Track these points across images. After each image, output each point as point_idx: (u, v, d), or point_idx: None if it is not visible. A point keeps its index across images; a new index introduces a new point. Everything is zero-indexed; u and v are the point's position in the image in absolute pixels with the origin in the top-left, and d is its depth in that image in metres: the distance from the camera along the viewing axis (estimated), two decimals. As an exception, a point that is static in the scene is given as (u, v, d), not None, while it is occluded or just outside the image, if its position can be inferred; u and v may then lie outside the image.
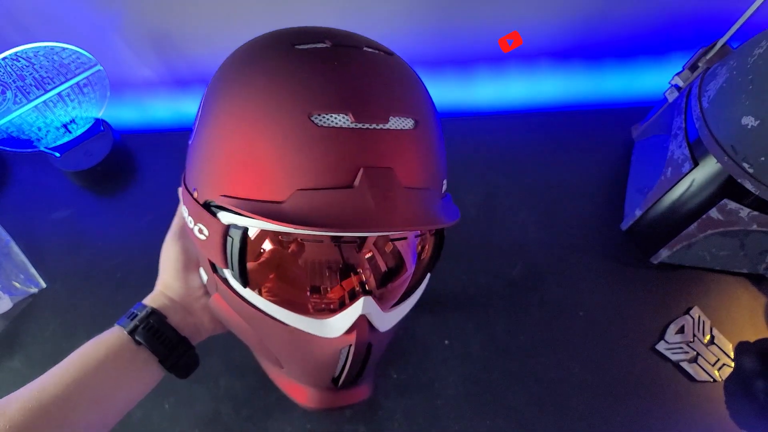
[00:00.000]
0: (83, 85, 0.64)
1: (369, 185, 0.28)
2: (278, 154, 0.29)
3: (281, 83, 0.30)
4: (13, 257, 0.63)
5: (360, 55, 0.32)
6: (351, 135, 0.29)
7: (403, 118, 0.30)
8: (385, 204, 0.28)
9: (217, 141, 0.32)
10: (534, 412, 0.51)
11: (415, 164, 0.31)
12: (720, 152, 0.45)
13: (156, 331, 0.38)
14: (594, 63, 0.70)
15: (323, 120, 0.29)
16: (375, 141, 0.29)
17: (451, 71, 0.73)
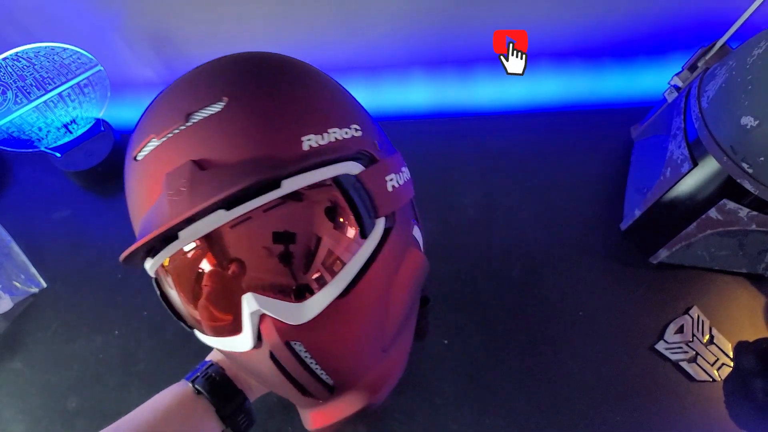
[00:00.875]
0: (84, 86, 0.64)
1: (167, 188, 0.28)
2: (129, 203, 0.33)
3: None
4: (13, 257, 0.63)
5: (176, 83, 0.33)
6: (156, 152, 0.30)
7: (206, 108, 0.29)
8: (176, 199, 0.28)
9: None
10: (534, 412, 0.51)
11: (225, 142, 0.29)
12: (719, 152, 0.45)
13: (213, 380, 0.40)
14: (594, 63, 0.70)
15: (141, 153, 0.31)
16: (174, 145, 0.29)
17: (451, 71, 0.73)
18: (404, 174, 0.37)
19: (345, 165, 0.31)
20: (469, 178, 0.67)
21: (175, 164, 0.29)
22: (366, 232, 0.32)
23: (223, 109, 0.29)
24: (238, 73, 0.32)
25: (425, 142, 0.71)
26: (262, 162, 0.28)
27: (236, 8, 0.63)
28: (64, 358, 0.57)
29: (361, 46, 0.69)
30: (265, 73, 0.33)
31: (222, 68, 0.33)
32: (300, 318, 0.31)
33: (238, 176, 0.27)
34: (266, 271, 0.32)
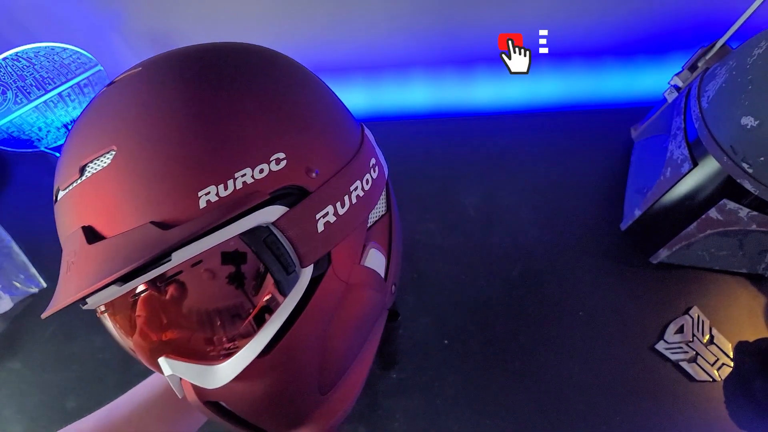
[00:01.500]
0: (84, 86, 0.64)
1: (65, 256, 0.27)
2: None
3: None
4: (13, 257, 0.63)
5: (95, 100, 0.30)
6: (59, 206, 0.29)
7: (98, 159, 0.26)
8: (67, 274, 0.27)
9: None
10: (534, 412, 0.51)
11: (113, 205, 0.25)
12: (719, 152, 0.45)
13: None
14: (594, 63, 0.70)
15: (58, 196, 0.29)
16: (71, 202, 0.27)
17: (451, 71, 0.73)
18: (356, 192, 0.32)
19: (255, 216, 0.26)
20: (469, 178, 0.67)
21: (71, 226, 0.27)
22: (284, 289, 0.28)
23: (111, 164, 0.26)
24: (128, 113, 0.27)
25: (425, 142, 0.71)
26: (144, 233, 0.25)
27: (236, 8, 0.63)
28: (63, 358, 0.57)
29: (361, 46, 0.69)
30: (162, 105, 0.27)
31: (116, 100, 0.28)
32: (215, 382, 0.29)
33: (125, 252, 0.24)
34: (176, 335, 0.30)
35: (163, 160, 0.25)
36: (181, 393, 0.30)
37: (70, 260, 0.26)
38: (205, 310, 0.30)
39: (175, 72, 0.28)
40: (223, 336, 0.30)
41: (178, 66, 0.29)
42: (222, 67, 0.29)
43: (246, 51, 0.31)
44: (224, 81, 0.28)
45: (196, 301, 0.30)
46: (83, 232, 0.26)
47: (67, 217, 0.28)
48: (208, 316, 0.30)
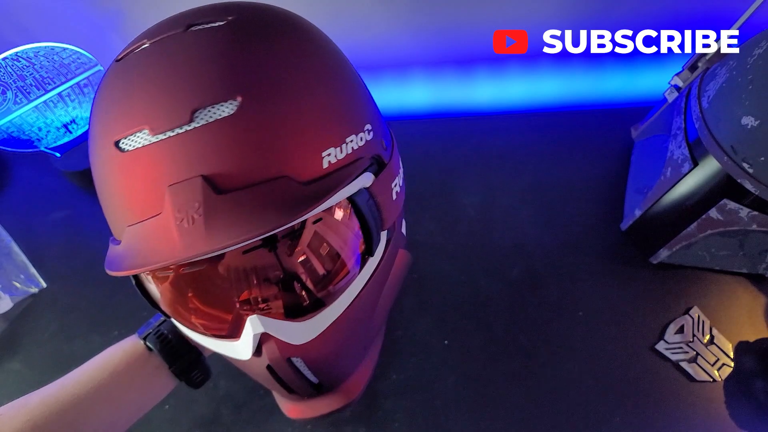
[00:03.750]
0: (83, 85, 0.64)
1: (173, 206, 0.24)
2: (107, 194, 0.27)
3: (96, 112, 0.28)
4: (13, 257, 0.63)
5: (172, 42, 0.27)
6: (151, 151, 0.25)
7: (216, 106, 0.25)
8: (188, 227, 0.24)
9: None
10: (534, 412, 0.51)
11: (240, 157, 0.25)
12: (720, 152, 0.45)
13: (165, 337, 0.38)
14: (594, 63, 0.70)
15: (127, 143, 0.25)
16: (177, 149, 0.25)
17: (451, 71, 0.73)
18: (401, 169, 0.35)
19: (360, 180, 0.29)
20: (469, 178, 0.67)
21: (181, 174, 0.24)
22: (373, 250, 0.31)
23: (236, 112, 0.25)
24: (250, 62, 0.26)
25: (425, 142, 0.71)
26: (279, 188, 0.25)
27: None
28: (63, 358, 0.57)
29: (361, 45, 0.69)
30: (281, 62, 0.27)
31: (230, 50, 0.26)
32: (303, 338, 0.31)
33: (260, 207, 0.24)
34: (272, 293, 0.31)
35: (293, 116, 0.26)
36: (252, 353, 0.30)
37: (192, 211, 0.24)
38: (307, 266, 0.31)
39: (273, 30, 0.28)
40: (317, 292, 0.31)
41: (267, 23, 0.29)
42: (308, 31, 0.30)
43: (296, 17, 0.32)
44: (321, 45, 0.30)
45: (301, 257, 0.31)
46: (205, 181, 0.24)
47: (170, 163, 0.25)
48: (304, 277, 0.31)
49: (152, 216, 0.25)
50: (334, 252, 0.31)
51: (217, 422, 0.52)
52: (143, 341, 0.38)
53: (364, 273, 0.32)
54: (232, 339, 0.31)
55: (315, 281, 0.31)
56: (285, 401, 0.39)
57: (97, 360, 0.37)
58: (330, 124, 0.27)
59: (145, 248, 0.25)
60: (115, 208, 0.27)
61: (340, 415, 0.51)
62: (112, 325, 0.59)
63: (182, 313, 0.33)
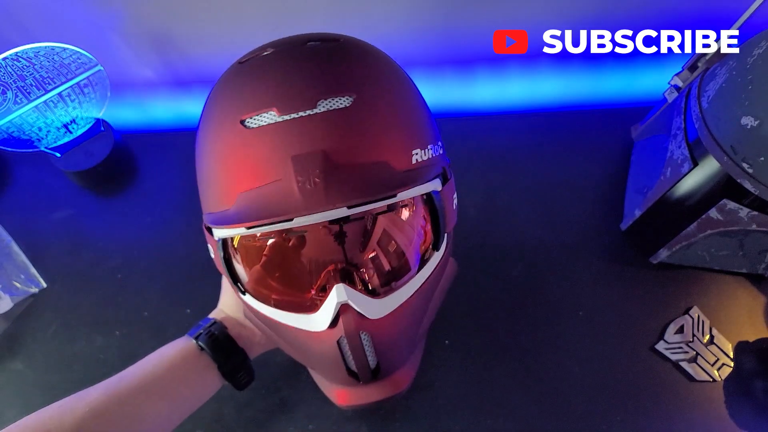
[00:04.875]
0: (84, 86, 0.64)
1: (295, 172, 0.29)
2: (222, 165, 0.32)
3: (221, 99, 0.33)
4: (13, 257, 0.63)
5: (295, 50, 0.33)
6: (278, 129, 0.30)
7: (335, 98, 0.30)
8: (310, 188, 0.29)
9: (198, 165, 0.35)
10: (534, 412, 0.51)
11: (353, 140, 0.30)
12: (719, 152, 0.45)
13: (215, 338, 0.41)
14: (594, 63, 0.70)
15: (253, 122, 0.31)
16: (301, 128, 0.30)
17: (451, 71, 0.73)
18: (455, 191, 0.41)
19: (434, 182, 0.35)
20: (469, 178, 0.67)
21: (304, 148, 0.29)
22: (439, 245, 0.37)
23: (351, 106, 0.30)
24: (363, 70, 0.33)
25: (425, 142, 0.70)
26: (382, 170, 0.31)
27: (236, 8, 0.63)
28: (64, 358, 0.57)
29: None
30: (388, 75, 0.35)
31: (346, 60, 0.33)
32: (378, 313, 0.34)
33: (364, 181, 0.30)
34: (360, 266, 0.35)
35: (393, 117, 0.32)
36: (329, 324, 0.33)
37: (313, 176, 0.29)
38: (389, 246, 0.36)
39: (374, 51, 0.36)
40: (394, 275, 0.36)
41: (367, 47, 0.36)
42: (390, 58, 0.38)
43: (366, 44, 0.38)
44: (403, 70, 0.38)
45: (387, 236, 0.35)
46: (325, 155, 0.29)
47: (294, 138, 0.30)
48: (388, 256, 0.36)
49: (273, 181, 0.30)
50: (410, 239, 0.36)
51: (219, 422, 0.52)
52: (195, 341, 0.41)
53: (430, 264, 0.37)
54: (312, 312, 0.34)
55: (393, 263, 0.36)
56: (334, 387, 0.40)
57: (154, 356, 0.40)
58: (418, 129, 0.34)
59: (266, 206, 0.30)
60: (229, 178, 0.31)
61: (343, 414, 0.51)
62: (113, 325, 0.59)
63: (268, 284, 0.36)
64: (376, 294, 0.35)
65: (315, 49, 0.33)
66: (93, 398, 0.36)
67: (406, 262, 0.37)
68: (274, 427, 0.51)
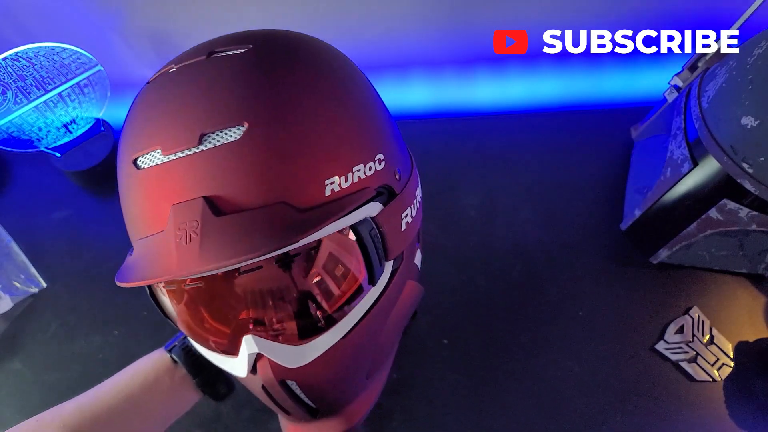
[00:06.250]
0: (84, 86, 0.64)
1: (174, 225, 0.25)
2: (123, 207, 0.30)
3: (124, 130, 0.30)
4: (13, 257, 0.63)
5: (192, 69, 0.28)
6: (161, 171, 0.26)
7: (224, 131, 0.26)
8: (185, 245, 0.25)
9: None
10: (534, 412, 0.51)
11: (242, 181, 0.25)
12: (719, 152, 0.45)
13: (189, 350, 0.39)
14: (594, 63, 0.70)
15: (143, 161, 0.27)
16: (184, 171, 0.26)
17: (451, 71, 0.73)
18: (418, 198, 0.35)
19: (363, 210, 0.29)
20: (469, 178, 0.67)
21: (185, 194, 0.26)
22: (375, 279, 0.31)
23: (242, 138, 0.25)
24: (261, 89, 0.27)
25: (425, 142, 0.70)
26: (280, 213, 0.25)
27: (236, 8, 0.63)
28: (63, 358, 0.57)
29: (362, 45, 0.69)
30: (292, 88, 0.27)
31: (243, 77, 0.27)
32: (298, 362, 0.31)
33: (253, 231, 0.25)
34: (268, 314, 0.32)
35: (297, 143, 0.26)
36: (247, 372, 0.31)
37: (190, 230, 0.25)
38: (304, 291, 0.31)
39: (289, 58, 0.29)
40: (313, 317, 0.32)
41: (286, 51, 0.29)
42: (324, 58, 0.31)
43: (315, 43, 0.32)
44: (339, 72, 0.31)
45: (298, 281, 0.31)
46: (205, 202, 0.25)
47: (176, 183, 0.26)
48: (302, 300, 0.31)
49: (158, 232, 0.26)
50: (333, 279, 0.31)
51: (218, 422, 0.52)
52: (169, 354, 0.40)
53: (365, 301, 0.32)
54: (232, 356, 0.32)
55: (310, 308, 0.32)
56: (284, 420, 0.39)
57: (128, 371, 0.39)
58: (336, 152, 0.28)
59: (148, 262, 0.26)
60: (129, 222, 0.29)
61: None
62: (113, 325, 0.59)
63: (190, 326, 0.34)
64: (300, 340, 0.31)
65: (214, 65, 0.28)
66: (67, 415, 0.35)
67: (328, 305, 0.32)
68: (273, 426, 0.51)
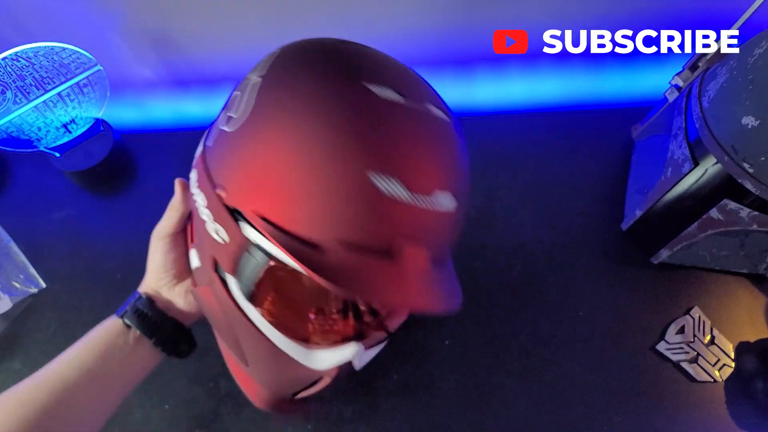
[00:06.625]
0: (83, 85, 0.64)
1: (409, 263, 0.29)
2: (329, 198, 0.29)
3: (350, 130, 0.29)
4: (13, 257, 0.63)
5: (425, 116, 0.32)
6: (402, 206, 0.29)
7: (447, 196, 0.31)
8: (419, 285, 0.30)
9: (268, 154, 0.29)
10: (534, 412, 0.51)
11: (446, 245, 0.33)
12: (720, 152, 0.45)
13: (141, 313, 0.40)
14: (594, 63, 0.70)
15: (380, 181, 0.29)
16: (423, 218, 0.30)
17: (451, 71, 0.73)
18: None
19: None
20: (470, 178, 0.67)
21: (415, 236, 0.30)
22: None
23: (455, 211, 0.32)
24: (467, 169, 0.35)
25: (425, 142, 0.70)
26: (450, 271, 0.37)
27: (236, 8, 0.63)
28: (63, 358, 0.57)
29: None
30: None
31: (461, 148, 0.34)
32: (362, 365, 0.38)
33: (452, 290, 0.36)
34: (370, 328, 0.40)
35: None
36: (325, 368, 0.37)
37: (422, 272, 0.31)
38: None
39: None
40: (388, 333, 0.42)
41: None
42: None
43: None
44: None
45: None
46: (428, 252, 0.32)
47: (412, 220, 0.30)
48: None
49: (377, 251, 0.30)
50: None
51: (217, 422, 0.52)
52: (122, 319, 0.40)
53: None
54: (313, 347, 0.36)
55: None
56: (260, 391, 0.42)
57: (80, 344, 0.39)
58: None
59: (373, 282, 0.30)
60: (327, 214, 0.29)
61: (341, 414, 0.51)
62: (112, 325, 0.59)
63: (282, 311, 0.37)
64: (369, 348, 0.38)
65: (440, 126, 0.32)
66: (24, 394, 0.37)
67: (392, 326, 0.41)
68: (272, 427, 0.51)
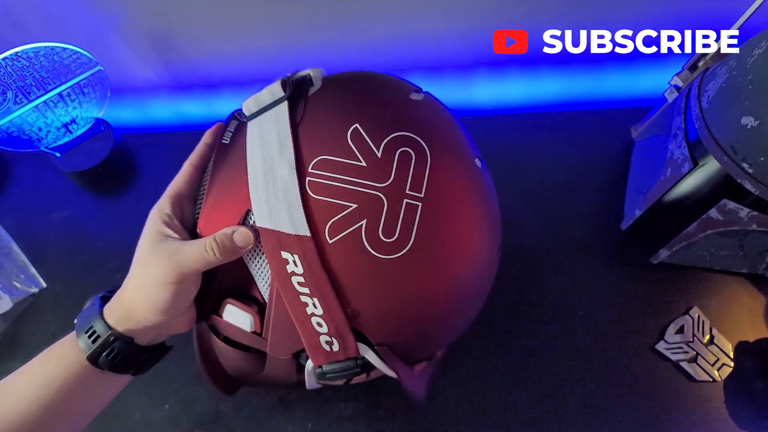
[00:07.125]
0: (84, 86, 0.64)
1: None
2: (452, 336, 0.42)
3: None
4: (13, 257, 0.63)
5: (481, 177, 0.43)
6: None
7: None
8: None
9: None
10: (534, 412, 0.51)
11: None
12: (719, 152, 0.45)
13: (122, 357, 0.34)
14: (594, 63, 0.70)
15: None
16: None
17: (451, 71, 0.73)
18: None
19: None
20: (469, 178, 0.67)
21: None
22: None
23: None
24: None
25: (425, 142, 0.70)
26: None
27: (236, 9, 0.63)
28: (63, 358, 0.57)
29: (362, 47, 0.69)
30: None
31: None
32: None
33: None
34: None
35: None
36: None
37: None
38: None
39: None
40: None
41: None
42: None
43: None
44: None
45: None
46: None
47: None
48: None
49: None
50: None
51: (217, 421, 0.52)
52: (90, 362, 0.34)
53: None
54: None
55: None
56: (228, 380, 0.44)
57: (36, 378, 0.34)
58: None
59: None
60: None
61: (341, 412, 0.51)
62: (113, 325, 0.59)
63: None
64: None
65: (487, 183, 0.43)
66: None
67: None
68: (272, 425, 0.51)
